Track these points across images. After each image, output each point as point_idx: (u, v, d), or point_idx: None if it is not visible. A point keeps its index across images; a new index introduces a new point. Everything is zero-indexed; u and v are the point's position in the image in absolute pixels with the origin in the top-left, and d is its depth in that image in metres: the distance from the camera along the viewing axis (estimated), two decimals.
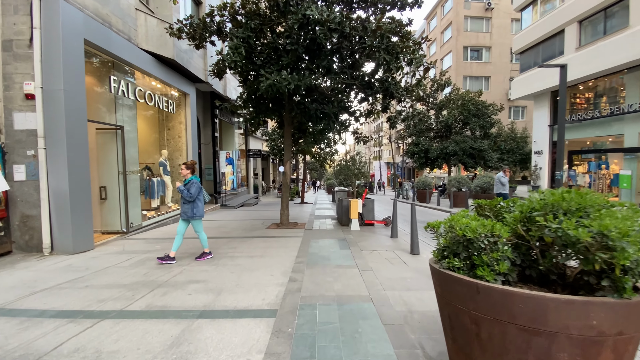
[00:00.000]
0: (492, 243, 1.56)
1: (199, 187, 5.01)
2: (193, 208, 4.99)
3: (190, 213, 4.99)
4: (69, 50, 5.75)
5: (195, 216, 5.03)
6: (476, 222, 1.64)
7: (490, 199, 7.33)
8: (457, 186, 14.77)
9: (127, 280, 4.12)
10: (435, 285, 1.92)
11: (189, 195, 4.87)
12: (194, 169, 5.15)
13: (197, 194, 4.94)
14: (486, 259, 1.53)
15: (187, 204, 4.98)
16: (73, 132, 5.85)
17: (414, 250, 5.27)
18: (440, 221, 1.94)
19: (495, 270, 1.53)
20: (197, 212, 5.04)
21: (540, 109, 19.92)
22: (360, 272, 4.28)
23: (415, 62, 6.42)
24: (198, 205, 5.03)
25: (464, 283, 1.55)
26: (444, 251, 1.83)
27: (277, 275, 4.21)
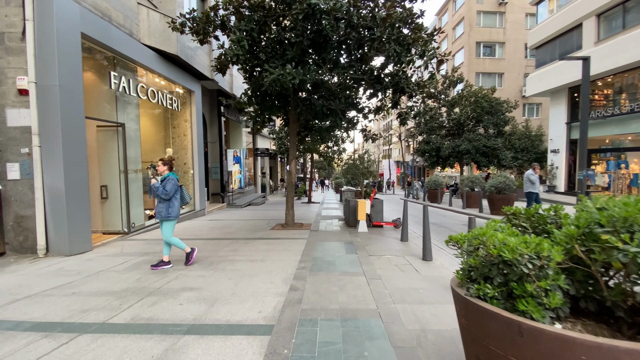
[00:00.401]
0: (538, 267, 1.20)
1: (175, 184, 4.62)
2: (168, 207, 4.58)
3: (164, 213, 4.59)
4: (64, 44, 5.52)
5: (169, 217, 4.61)
6: (516, 239, 1.27)
7: (507, 201, 6.88)
8: (470, 186, 14.23)
9: (118, 287, 3.85)
10: (459, 314, 1.55)
11: (164, 193, 4.48)
12: (171, 165, 4.80)
13: (173, 191, 4.55)
14: (531, 288, 1.17)
15: (162, 202, 4.60)
16: (69, 129, 5.63)
17: (427, 256, 4.89)
18: (465, 234, 1.58)
19: (543, 304, 1.17)
20: (172, 212, 4.62)
21: (557, 106, 19.17)
22: (367, 281, 3.92)
23: (428, 54, 6.01)
24: (174, 204, 4.63)
25: (501, 319, 1.19)
26: (471, 272, 1.46)
27: (277, 283, 3.89)
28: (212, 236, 7.11)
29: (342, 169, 17.28)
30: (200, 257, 5.21)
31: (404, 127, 43.44)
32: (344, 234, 7.30)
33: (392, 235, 7.04)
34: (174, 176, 4.69)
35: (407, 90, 7.31)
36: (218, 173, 14.70)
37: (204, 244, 6.22)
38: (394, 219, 8.25)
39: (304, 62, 6.83)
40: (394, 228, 8.02)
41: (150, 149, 10.01)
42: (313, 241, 6.41)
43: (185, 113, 10.78)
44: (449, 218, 10.93)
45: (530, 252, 1.21)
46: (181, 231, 7.89)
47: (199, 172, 11.13)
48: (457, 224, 9.54)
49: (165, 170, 4.71)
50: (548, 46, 19.63)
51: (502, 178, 10.64)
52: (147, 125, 9.70)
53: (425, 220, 4.91)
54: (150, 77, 8.76)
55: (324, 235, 7.06)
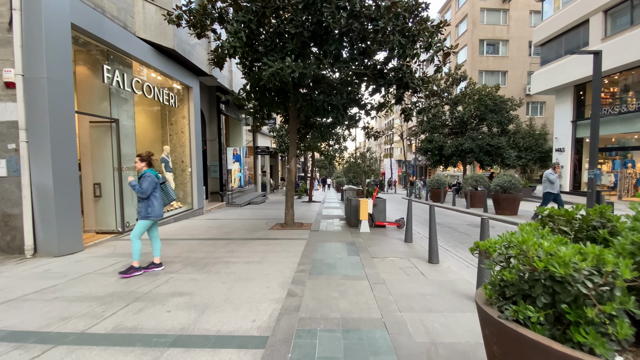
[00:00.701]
0: (599, 286, 0.94)
1: (153, 182, 4.27)
2: (147, 207, 4.26)
3: (144, 213, 4.26)
4: (53, 34, 5.27)
5: (149, 216, 4.28)
6: (568, 249, 1.00)
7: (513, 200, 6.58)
8: (474, 185, 13.93)
9: (104, 291, 3.60)
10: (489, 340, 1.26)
11: (140, 191, 4.18)
12: (150, 161, 4.47)
13: (150, 190, 4.22)
14: (592, 314, 0.91)
15: (141, 201, 4.29)
16: (58, 124, 5.37)
17: (433, 259, 4.62)
18: (495, 240, 1.32)
19: (608, 335, 0.91)
20: (152, 212, 4.28)
21: (562, 104, 18.83)
22: (370, 286, 3.66)
23: (434, 46, 5.74)
24: (153, 203, 4.29)
25: (553, 354, 0.92)
26: (504, 288, 1.20)
27: (274, 288, 3.63)
28: (209, 236, 6.86)
29: (344, 168, 17.00)
30: (195, 259, 4.96)
31: (406, 124, 43.09)
32: (345, 234, 7.04)
33: (396, 236, 6.77)
34: (153, 173, 4.35)
35: (412, 85, 7.03)
36: (217, 171, 14.45)
37: (199, 245, 5.97)
38: (397, 219, 7.98)
39: (304, 55, 6.56)
40: (397, 228, 7.75)
41: (147, 146, 9.75)
42: (313, 242, 6.15)
43: (183, 110, 10.53)
44: (453, 218, 10.65)
45: (590, 267, 0.95)
46: (177, 230, 7.64)
47: (197, 170, 10.88)
48: (462, 224, 9.27)
49: (144, 166, 4.37)
50: (553, 43, 19.28)
51: (508, 177, 10.35)
52: (143, 122, 9.46)
53: (432, 220, 4.64)
54: (146, 72, 8.51)
55: (324, 236, 6.80)
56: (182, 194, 10.73)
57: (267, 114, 8.71)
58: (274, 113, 8.88)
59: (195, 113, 10.76)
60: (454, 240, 6.88)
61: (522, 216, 10.16)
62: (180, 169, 10.69)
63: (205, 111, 13.66)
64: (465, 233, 7.85)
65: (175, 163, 10.54)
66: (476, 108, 18.58)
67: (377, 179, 18.85)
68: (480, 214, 10.99)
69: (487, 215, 10.70)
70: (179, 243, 6.15)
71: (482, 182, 13.81)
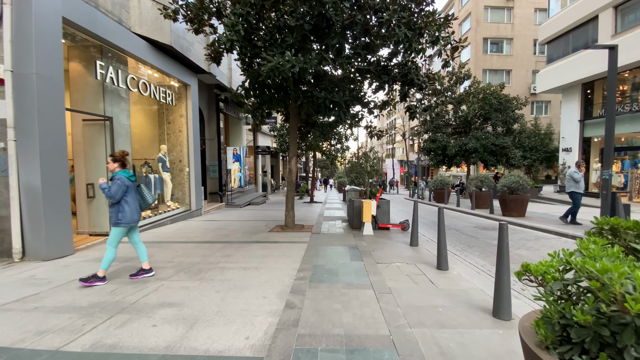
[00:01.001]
0: None
1: (123, 185, 3.86)
2: (117, 212, 3.88)
3: (114, 218, 3.90)
4: (43, 28, 5.02)
5: (119, 222, 3.87)
6: None
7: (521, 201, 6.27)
8: (479, 185, 13.60)
9: (87, 300, 3.33)
10: None
11: (109, 195, 3.81)
12: (124, 161, 4.06)
13: (119, 194, 3.82)
14: None
15: (112, 206, 3.93)
16: (47, 122, 5.12)
17: (442, 265, 4.33)
18: (549, 261, 1.03)
19: None
20: (122, 218, 3.88)
21: (569, 103, 18.46)
22: (376, 296, 3.37)
23: (441, 40, 5.44)
24: (124, 209, 3.88)
25: None
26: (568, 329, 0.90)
27: (271, 298, 3.35)
28: (205, 239, 6.59)
29: (346, 168, 16.72)
30: (188, 264, 4.69)
31: (409, 123, 42.76)
32: (347, 237, 6.75)
33: (401, 239, 6.47)
34: (125, 175, 3.96)
35: (417, 82, 6.75)
36: (216, 171, 14.20)
37: (195, 248, 5.70)
38: (401, 221, 7.68)
39: (305, 49, 6.28)
40: (402, 231, 7.46)
41: (145, 146, 9.53)
42: (314, 245, 5.87)
43: (181, 108, 10.28)
44: (458, 220, 10.34)
45: None
46: (173, 233, 7.38)
47: (195, 170, 10.63)
48: (469, 227, 8.96)
49: (116, 167, 4.00)
50: (560, 41, 18.91)
51: (516, 177, 10.02)
52: (140, 120, 9.21)
53: (441, 224, 4.34)
54: (142, 68, 8.25)
55: (326, 239, 6.51)
56: (179, 194, 10.48)
57: (267, 111, 8.44)
58: (273, 111, 8.60)
59: (194, 111, 10.51)
60: (462, 244, 6.58)
61: (530, 218, 9.83)
62: (178, 168, 10.44)
63: (204, 110, 13.41)
64: (472, 236, 7.55)
65: (172, 163, 10.29)
66: (480, 107, 18.24)
67: (380, 179, 18.57)
68: (487, 216, 10.67)
69: (494, 217, 10.38)
70: (174, 246, 5.89)
71: (487, 183, 13.48)
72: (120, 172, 3.95)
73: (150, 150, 9.57)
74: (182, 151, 10.42)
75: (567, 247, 4.38)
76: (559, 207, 13.27)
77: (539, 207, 13.19)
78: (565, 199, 15.93)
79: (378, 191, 7.83)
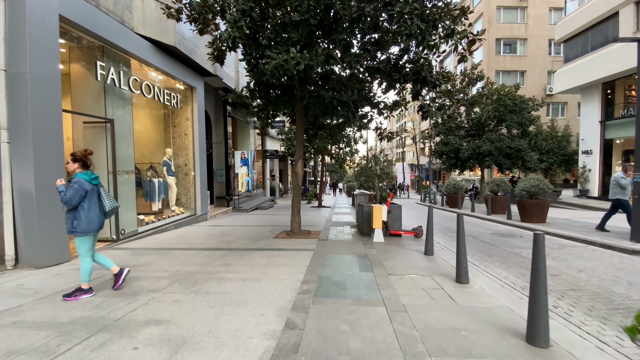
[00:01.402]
0: None
1: (82, 189, 3.40)
2: (73, 219, 3.43)
3: (69, 226, 3.45)
4: (38, 26, 4.83)
5: (74, 231, 3.42)
6: None
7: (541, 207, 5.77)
8: (495, 190, 13.01)
9: (70, 315, 3.03)
10: None
11: (64, 201, 3.36)
12: (85, 161, 3.57)
13: (76, 199, 3.37)
14: None
15: (68, 211, 3.46)
16: (42, 124, 4.91)
17: (462, 278, 3.90)
18: None
19: None
20: (78, 226, 3.41)
21: (588, 104, 17.71)
22: (389, 315, 2.97)
23: (457, 33, 5.05)
24: (79, 215, 3.42)
25: None
26: None
27: (269, 316, 2.99)
28: (207, 245, 6.29)
29: (355, 171, 16.32)
30: (185, 274, 4.37)
31: (419, 126, 42.12)
32: (356, 244, 6.36)
33: (414, 247, 6.04)
34: (85, 178, 3.49)
35: (430, 79, 6.35)
36: (223, 175, 13.99)
37: (194, 256, 5.39)
38: (414, 228, 7.25)
39: (311, 46, 5.97)
40: (415, 238, 7.02)
41: (150, 149, 9.36)
42: (321, 253, 5.49)
43: (186, 111, 10.09)
44: (474, 226, 9.81)
45: None
46: (175, 239, 7.11)
47: (201, 174, 10.41)
48: (486, 233, 8.44)
49: (76, 168, 3.52)
50: (578, 39, 18.21)
51: (535, 181, 9.46)
52: (144, 123, 9.04)
53: (460, 232, 3.91)
54: (145, 70, 8.08)
55: (333, 246, 6.13)
56: (185, 199, 10.26)
57: (273, 113, 8.15)
58: (279, 112, 8.30)
59: (200, 114, 10.32)
60: (481, 253, 6.11)
61: (552, 224, 9.25)
62: (184, 172, 10.23)
63: (212, 113, 13.25)
64: (491, 244, 7.05)
65: (178, 167, 10.09)
66: (495, 109, 17.62)
67: (390, 182, 18.08)
68: (504, 221, 10.12)
69: (512, 223, 9.83)
70: (173, 254, 5.60)
71: (504, 187, 12.87)
72: (80, 174, 3.48)
73: (155, 153, 9.39)
74: (188, 155, 10.22)
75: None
76: (580, 213, 12.58)
77: (560, 212, 12.53)
78: (586, 203, 15.17)
79: (389, 196, 7.41)
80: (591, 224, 9.36)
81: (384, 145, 50.36)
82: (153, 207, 8.78)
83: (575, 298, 3.86)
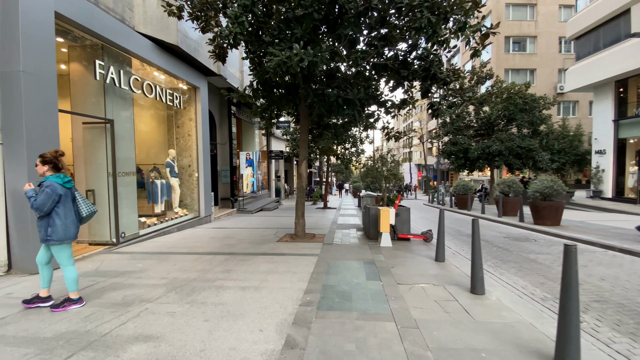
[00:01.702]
0: None
1: (54, 194, 3.12)
2: (47, 226, 3.17)
3: (43, 233, 3.18)
4: (32, 23, 4.66)
5: (49, 239, 3.17)
6: None
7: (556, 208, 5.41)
8: (506, 191, 12.60)
9: (54, 329, 2.83)
10: None
11: (34, 206, 3.08)
12: (56, 163, 3.26)
13: (48, 205, 3.10)
14: None
15: (40, 218, 3.19)
16: (37, 124, 4.74)
17: (477, 289, 3.61)
18: None
19: None
20: (53, 234, 3.16)
21: (601, 102, 17.18)
22: (399, 332, 2.71)
23: (470, 26, 4.76)
24: (54, 223, 3.16)
25: None
26: None
27: (268, 332, 2.74)
28: (208, 249, 6.08)
29: (361, 172, 16.03)
30: (183, 281, 4.15)
31: (426, 126, 41.62)
32: (363, 249, 6.09)
33: (423, 252, 5.75)
34: (58, 181, 3.20)
35: (440, 76, 6.07)
36: (228, 176, 13.82)
37: (194, 261, 5.18)
38: (423, 231, 6.95)
39: (316, 42, 5.73)
40: (424, 242, 6.73)
41: (152, 150, 9.21)
42: (325, 259, 5.24)
43: (190, 111, 9.92)
44: (485, 229, 9.46)
45: None
46: (177, 242, 6.92)
47: (205, 176, 10.23)
48: (498, 237, 8.10)
49: (46, 171, 3.23)
50: (590, 36, 17.69)
51: (550, 182, 9.09)
52: (146, 124, 8.88)
53: (476, 239, 3.62)
54: (147, 69, 7.92)
55: (339, 251, 5.87)
56: (188, 200, 10.10)
57: (277, 113, 7.92)
58: (283, 112, 8.08)
59: (203, 115, 10.14)
60: (494, 259, 5.79)
61: (567, 227, 8.87)
62: (187, 174, 10.07)
63: (216, 114, 13.09)
64: (505, 248, 6.72)
65: (181, 168, 9.93)
66: (504, 107, 17.17)
67: (398, 183, 17.74)
68: (517, 224, 9.75)
69: (524, 225, 9.46)
70: (173, 258, 5.39)
71: (515, 188, 12.46)
72: (51, 177, 3.20)
73: (158, 154, 9.23)
74: (192, 156, 10.05)
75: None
76: (594, 215, 12.13)
77: (573, 214, 12.09)
78: (600, 205, 14.67)
79: (397, 197, 7.12)
80: (608, 226, 8.96)
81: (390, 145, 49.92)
82: (156, 209, 8.61)
83: (601, 311, 3.55)
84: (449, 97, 6.53)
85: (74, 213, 3.36)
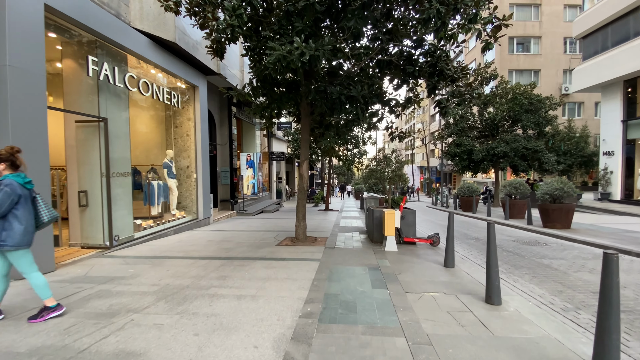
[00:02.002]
0: None
1: (14, 194, 2.83)
2: (2, 229, 2.85)
3: None
4: (19, 16, 4.43)
5: (4, 244, 2.83)
6: None
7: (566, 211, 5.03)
8: (512, 193, 12.27)
9: (29, 343, 2.56)
10: None
11: None
12: (13, 161, 2.96)
13: (7, 205, 2.79)
14: None
15: None
16: (24, 122, 4.50)
17: (493, 299, 3.31)
18: None
19: None
20: (7, 239, 2.84)
21: (609, 103, 16.84)
22: (410, 349, 2.42)
23: (482, 18, 4.50)
24: (12, 226, 2.86)
25: None
26: None
27: (264, 348, 2.46)
28: (205, 254, 5.80)
29: (364, 173, 15.73)
30: (174, 289, 3.87)
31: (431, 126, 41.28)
32: (367, 253, 5.80)
33: (431, 257, 5.45)
34: (18, 180, 2.91)
35: (448, 72, 5.79)
36: (228, 178, 13.56)
37: (189, 266, 4.90)
38: (430, 235, 6.65)
39: (317, 36, 5.47)
40: (430, 246, 6.43)
41: (150, 150, 8.97)
42: (327, 264, 4.95)
43: (189, 111, 9.68)
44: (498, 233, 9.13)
45: None
46: (173, 245, 6.66)
47: (204, 177, 9.97)
48: (508, 240, 7.78)
49: (3, 170, 2.92)
50: (598, 35, 17.37)
51: (559, 184, 8.77)
52: (143, 123, 8.65)
53: (491, 244, 3.33)
54: (143, 67, 7.68)
55: (341, 256, 5.58)
56: (187, 202, 9.84)
57: (277, 111, 7.66)
58: (284, 110, 7.81)
59: (202, 115, 9.90)
60: (506, 264, 5.48)
61: (578, 230, 8.54)
62: (185, 175, 9.82)
63: (216, 114, 12.87)
64: (516, 253, 6.40)
65: (179, 169, 9.68)
66: (510, 108, 16.85)
67: (403, 185, 17.41)
68: (525, 227, 9.43)
69: (533, 229, 9.14)
70: (167, 263, 5.12)
71: (522, 190, 12.12)
72: (10, 176, 2.90)
73: (155, 155, 9.00)
74: (190, 156, 9.80)
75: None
76: (604, 217, 11.78)
77: (582, 217, 11.74)
78: (609, 207, 14.30)
79: (402, 199, 6.83)
80: (620, 229, 8.63)
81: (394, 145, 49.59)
82: (152, 211, 8.36)
83: (628, 322, 3.26)
84: (457, 94, 6.23)
85: (34, 218, 3.07)
